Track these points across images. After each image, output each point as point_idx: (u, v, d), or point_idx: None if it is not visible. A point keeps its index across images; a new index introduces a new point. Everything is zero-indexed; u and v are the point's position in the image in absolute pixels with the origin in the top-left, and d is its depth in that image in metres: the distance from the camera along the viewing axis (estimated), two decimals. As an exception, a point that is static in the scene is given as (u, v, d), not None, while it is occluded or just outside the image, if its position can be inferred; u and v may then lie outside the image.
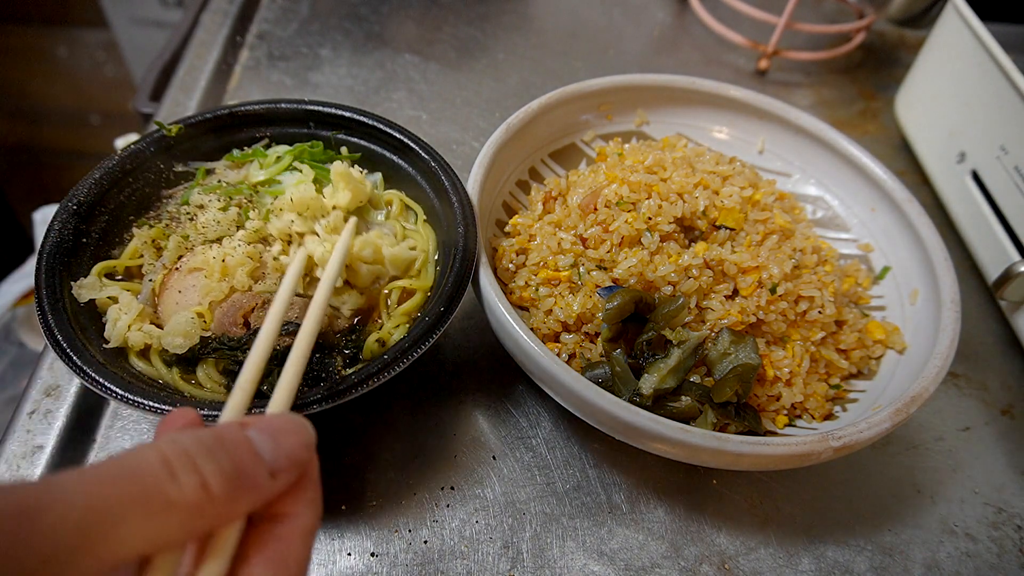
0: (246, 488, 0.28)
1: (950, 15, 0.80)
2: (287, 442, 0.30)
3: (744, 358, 0.55)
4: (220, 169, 0.63)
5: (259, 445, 0.29)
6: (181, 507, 0.25)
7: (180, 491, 0.26)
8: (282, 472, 0.30)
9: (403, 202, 0.63)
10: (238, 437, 0.29)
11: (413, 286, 0.57)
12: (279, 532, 0.30)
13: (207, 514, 0.26)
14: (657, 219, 0.60)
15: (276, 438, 0.30)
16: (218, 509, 0.27)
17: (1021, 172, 0.69)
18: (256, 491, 0.28)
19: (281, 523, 0.30)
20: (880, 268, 0.69)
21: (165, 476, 0.26)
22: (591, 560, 0.54)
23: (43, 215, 1.35)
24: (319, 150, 0.64)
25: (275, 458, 0.29)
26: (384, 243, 0.58)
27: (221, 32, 0.95)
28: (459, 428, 0.61)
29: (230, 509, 0.27)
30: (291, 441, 0.30)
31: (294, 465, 0.30)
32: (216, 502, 0.26)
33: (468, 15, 1.05)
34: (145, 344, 0.53)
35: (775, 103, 0.74)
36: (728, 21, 1.03)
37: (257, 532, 0.30)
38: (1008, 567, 0.57)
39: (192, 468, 0.26)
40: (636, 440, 0.51)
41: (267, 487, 0.29)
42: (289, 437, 0.31)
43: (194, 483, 0.26)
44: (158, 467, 0.26)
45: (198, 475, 0.26)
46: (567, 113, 0.73)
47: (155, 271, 0.56)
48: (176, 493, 0.25)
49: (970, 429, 0.66)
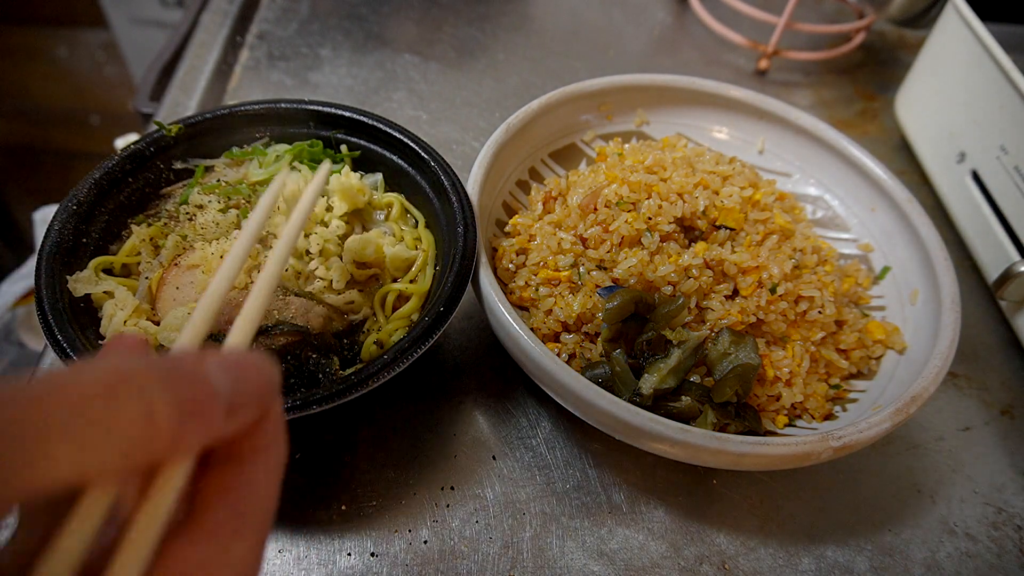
0: (197, 422, 0.25)
1: (950, 15, 0.80)
2: (247, 377, 0.27)
3: (744, 358, 0.55)
4: (219, 167, 0.63)
5: (215, 378, 0.26)
6: (120, 435, 0.22)
7: (120, 418, 0.22)
8: (240, 408, 0.26)
9: (403, 206, 0.63)
10: (193, 367, 0.25)
11: (411, 290, 0.57)
12: (241, 475, 0.27)
13: (150, 446, 0.23)
14: (657, 219, 0.60)
15: (235, 372, 0.27)
16: (163, 442, 0.23)
17: (1021, 172, 0.69)
18: (209, 426, 0.25)
19: (242, 465, 0.28)
20: (880, 268, 0.69)
21: (104, 400, 0.22)
22: (591, 560, 0.54)
23: (43, 215, 1.35)
24: (319, 149, 0.64)
25: (233, 393, 0.26)
26: (385, 242, 0.58)
27: (221, 32, 0.95)
28: (459, 428, 0.61)
29: (177, 442, 0.24)
30: (251, 376, 0.27)
31: (253, 402, 0.27)
32: (161, 433, 0.23)
33: (468, 15, 1.05)
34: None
35: (775, 103, 0.74)
36: (728, 21, 1.03)
37: (217, 475, 0.27)
38: (1008, 567, 0.57)
39: (137, 394, 0.23)
40: (636, 440, 0.51)
41: (220, 423, 0.26)
42: (249, 372, 0.27)
43: (138, 411, 0.23)
44: (98, 389, 0.22)
45: (143, 403, 0.23)
46: (567, 113, 0.73)
47: (152, 269, 0.56)
48: (115, 420, 0.22)
49: (970, 429, 0.66)
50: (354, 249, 0.56)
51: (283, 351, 0.51)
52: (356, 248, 0.56)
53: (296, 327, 0.52)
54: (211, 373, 0.26)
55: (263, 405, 0.28)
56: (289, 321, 0.52)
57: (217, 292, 0.34)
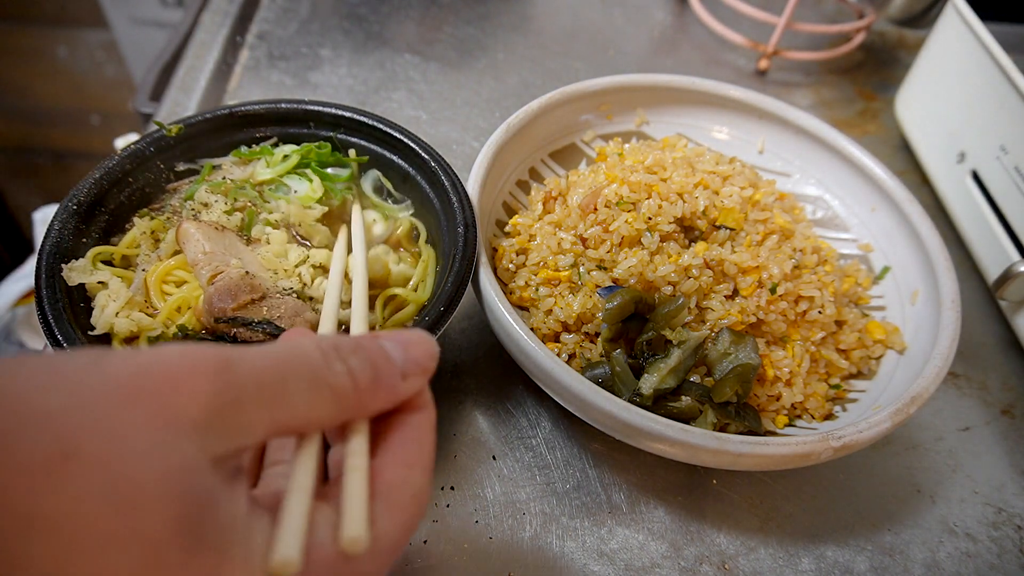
0: (384, 385, 0.31)
1: (950, 15, 0.80)
2: (415, 350, 0.33)
3: (744, 358, 0.55)
4: (226, 165, 0.63)
5: (391, 351, 0.32)
6: (335, 391, 0.29)
7: (335, 376, 0.29)
8: (411, 376, 0.33)
9: (410, 222, 0.63)
10: (373, 343, 0.32)
11: (411, 298, 0.57)
12: (412, 421, 0.34)
13: (353, 403, 0.30)
14: (657, 219, 0.60)
15: (405, 346, 0.33)
16: (362, 399, 0.30)
17: (1021, 172, 0.69)
18: (391, 389, 0.32)
19: (411, 414, 0.34)
20: (880, 268, 0.69)
21: (323, 362, 0.29)
22: (591, 560, 0.54)
23: (43, 215, 1.35)
24: (327, 151, 0.64)
25: (405, 362, 0.32)
26: (390, 259, 0.59)
27: (221, 32, 0.95)
28: (459, 428, 0.61)
29: (371, 401, 0.31)
30: (418, 350, 0.33)
31: (421, 371, 0.33)
32: (361, 392, 0.30)
33: (468, 15, 1.05)
34: (131, 332, 0.53)
35: (775, 103, 0.74)
36: (728, 21, 1.03)
37: (390, 421, 0.33)
38: (1008, 567, 0.57)
39: (342, 359, 0.30)
40: (636, 440, 0.51)
41: (399, 387, 0.32)
42: (417, 346, 0.34)
43: (345, 371, 0.30)
44: (317, 354, 0.29)
45: (347, 365, 0.30)
46: (567, 113, 0.73)
47: (149, 261, 0.56)
48: (332, 377, 0.29)
49: (970, 429, 0.66)
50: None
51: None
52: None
53: (278, 329, 0.52)
54: (387, 346, 0.33)
55: (428, 371, 0.34)
56: (273, 321, 0.52)
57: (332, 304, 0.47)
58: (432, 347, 0.34)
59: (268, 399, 0.27)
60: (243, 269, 0.54)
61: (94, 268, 0.55)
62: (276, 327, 0.52)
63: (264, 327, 0.51)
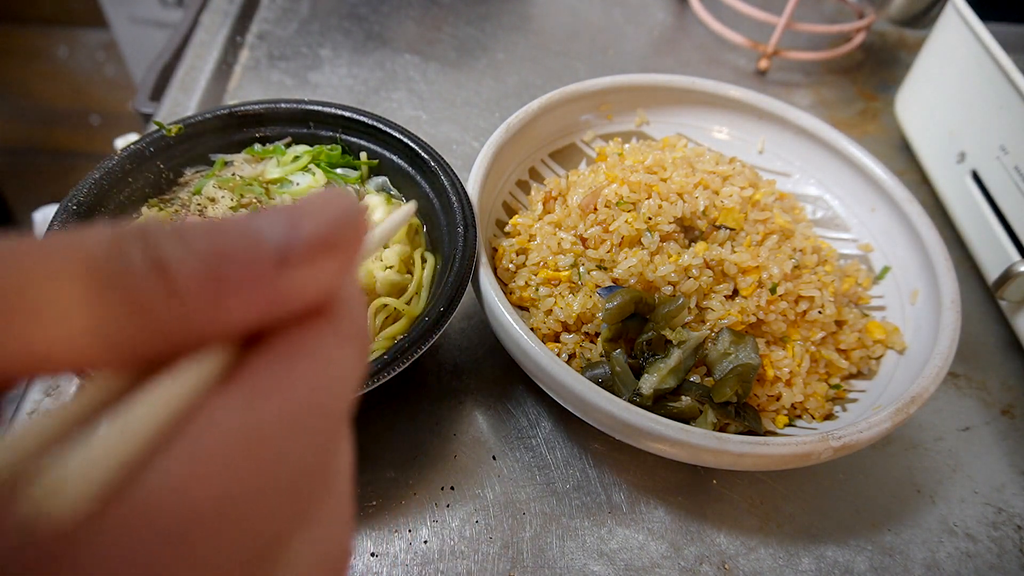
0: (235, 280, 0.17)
1: (950, 15, 0.80)
2: (311, 220, 0.18)
3: (744, 358, 0.55)
4: (238, 162, 0.63)
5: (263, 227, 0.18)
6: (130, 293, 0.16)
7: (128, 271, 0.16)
8: (297, 261, 0.18)
9: (413, 225, 0.63)
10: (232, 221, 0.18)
11: (403, 311, 0.57)
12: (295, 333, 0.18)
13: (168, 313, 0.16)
14: (657, 219, 0.60)
15: (292, 217, 0.18)
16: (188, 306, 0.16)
17: (1021, 172, 0.69)
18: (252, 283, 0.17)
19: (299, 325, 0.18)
20: (880, 268, 0.69)
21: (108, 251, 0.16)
22: (591, 560, 0.54)
23: (43, 215, 1.35)
24: (337, 153, 0.64)
25: (287, 241, 0.18)
26: (375, 267, 0.58)
27: (221, 32, 0.95)
28: (459, 428, 0.61)
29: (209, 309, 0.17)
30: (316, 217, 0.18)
31: (319, 249, 0.18)
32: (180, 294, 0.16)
33: (468, 15, 1.05)
34: None
35: (775, 103, 0.74)
36: (728, 21, 1.03)
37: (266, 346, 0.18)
38: (1008, 567, 0.57)
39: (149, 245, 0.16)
40: (636, 440, 0.51)
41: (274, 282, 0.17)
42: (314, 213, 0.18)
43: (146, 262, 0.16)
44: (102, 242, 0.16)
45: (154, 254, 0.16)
46: (567, 113, 0.73)
47: None
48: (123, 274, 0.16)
49: (970, 429, 0.66)
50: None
51: None
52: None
53: None
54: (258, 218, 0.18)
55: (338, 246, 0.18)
56: None
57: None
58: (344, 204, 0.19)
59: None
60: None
61: None
62: None
63: None
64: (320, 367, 0.18)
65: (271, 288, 0.17)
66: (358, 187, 0.63)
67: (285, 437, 0.16)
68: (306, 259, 0.18)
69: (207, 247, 0.17)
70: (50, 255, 0.16)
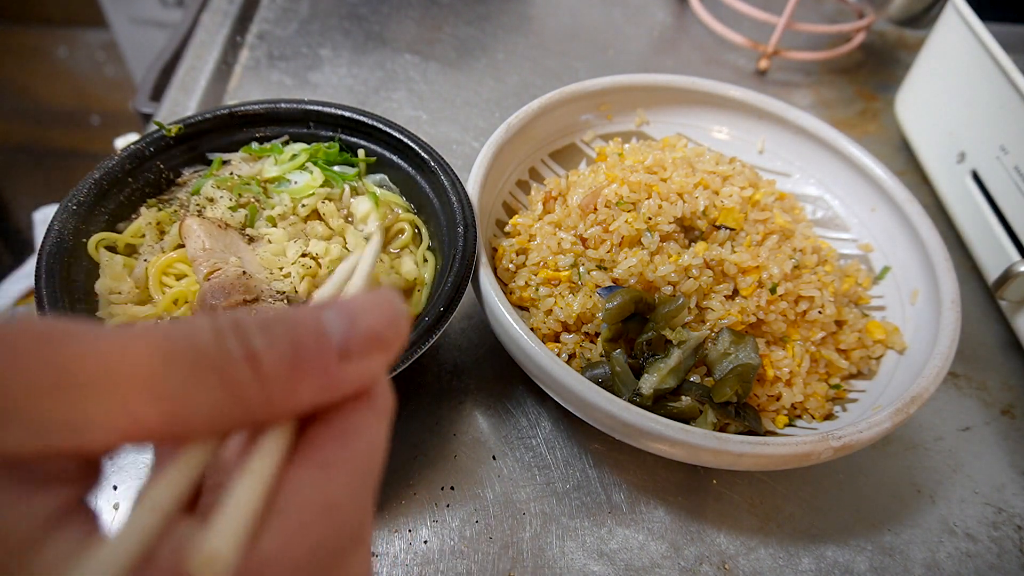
0: (308, 369, 0.22)
1: (950, 15, 0.80)
2: (367, 318, 0.23)
3: (744, 358, 0.55)
4: (236, 161, 0.63)
5: (329, 322, 0.23)
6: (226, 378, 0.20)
7: (226, 358, 0.20)
8: (357, 356, 0.23)
9: (414, 225, 0.63)
10: (301, 312, 0.23)
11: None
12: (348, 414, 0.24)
13: (256, 394, 0.21)
14: (657, 219, 0.60)
15: (352, 314, 0.23)
16: (270, 390, 0.21)
17: (1021, 172, 0.69)
18: (321, 375, 0.22)
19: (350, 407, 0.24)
20: (880, 268, 0.69)
21: (212, 340, 0.20)
22: (591, 560, 0.54)
23: (43, 215, 1.35)
24: (335, 151, 0.64)
25: (347, 336, 0.22)
26: (379, 270, 0.58)
27: (221, 32, 0.95)
28: (459, 428, 0.61)
29: (286, 392, 0.21)
30: (372, 316, 0.23)
31: (375, 346, 0.23)
32: (269, 380, 0.21)
33: (468, 15, 1.05)
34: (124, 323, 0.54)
35: (775, 103, 0.74)
36: (728, 21, 1.03)
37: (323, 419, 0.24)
38: (1008, 567, 0.57)
39: (242, 336, 0.21)
40: (636, 440, 0.51)
41: (337, 372, 0.22)
42: (369, 312, 0.23)
43: (242, 352, 0.21)
44: (207, 331, 0.21)
45: (247, 345, 0.21)
46: (567, 113, 0.73)
47: (152, 252, 0.57)
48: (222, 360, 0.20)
49: (970, 429, 0.66)
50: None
51: None
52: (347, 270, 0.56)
53: None
54: (324, 317, 0.23)
55: (387, 345, 0.23)
56: None
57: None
58: (394, 310, 0.24)
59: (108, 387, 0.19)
60: (241, 269, 0.55)
61: (96, 254, 0.56)
62: None
63: None
64: (367, 441, 0.23)
65: (334, 376, 0.22)
66: (356, 183, 0.63)
67: (349, 502, 0.22)
68: (362, 353, 0.23)
69: (286, 340, 0.22)
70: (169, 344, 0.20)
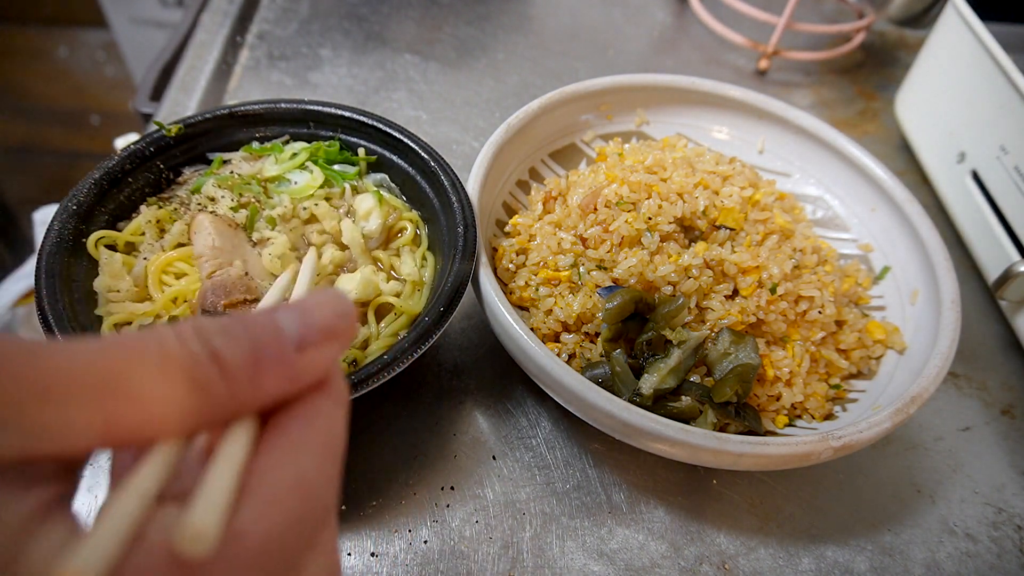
0: (269, 364, 0.24)
1: (950, 15, 0.80)
2: (317, 313, 0.26)
3: (744, 358, 0.55)
4: (236, 160, 0.63)
5: (283, 320, 0.25)
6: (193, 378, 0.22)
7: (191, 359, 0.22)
8: (312, 346, 0.25)
9: (415, 225, 0.63)
10: (257, 315, 0.25)
11: (403, 309, 0.57)
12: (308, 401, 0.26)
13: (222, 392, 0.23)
14: (657, 219, 0.60)
15: (303, 310, 0.26)
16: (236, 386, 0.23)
17: (1021, 172, 0.69)
18: (282, 368, 0.24)
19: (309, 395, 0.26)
20: (880, 268, 0.69)
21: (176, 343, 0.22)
22: (591, 560, 0.54)
23: (43, 215, 1.35)
24: (335, 150, 0.64)
25: (303, 330, 0.25)
26: (379, 279, 0.58)
27: (221, 32, 0.95)
28: (459, 428, 0.61)
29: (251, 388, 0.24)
30: (322, 311, 0.26)
31: (325, 336, 0.26)
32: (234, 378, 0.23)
33: (468, 15, 1.05)
34: (124, 319, 0.54)
35: (775, 103, 0.74)
36: (728, 21, 1.03)
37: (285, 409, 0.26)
38: (1008, 567, 0.57)
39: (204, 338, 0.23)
40: (636, 440, 0.51)
41: (295, 364, 0.25)
42: (319, 308, 0.26)
43: (205, 352, 0.23)
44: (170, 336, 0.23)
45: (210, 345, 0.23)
46: (567, 113, 0.73)
47: (152, 251, 0.57)
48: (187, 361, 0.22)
49: (970, 429, 0.66)
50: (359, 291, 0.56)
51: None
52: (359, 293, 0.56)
53: None
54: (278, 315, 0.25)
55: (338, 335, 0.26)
56: None
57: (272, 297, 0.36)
58: (341, 304, 0.27)
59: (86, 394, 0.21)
60: (244, 270, 0.55)
61: (96, 252, 0.56)
62: None
63: None
64: (328, 425, 0.25)
65: (293, 366, 0.25)
66: (356, 182, 0.63)
67: (316, 476, 0.24)
68: (317, 344, 0.25)
69: (246, 338, 0.24)
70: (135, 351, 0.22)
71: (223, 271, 0.54)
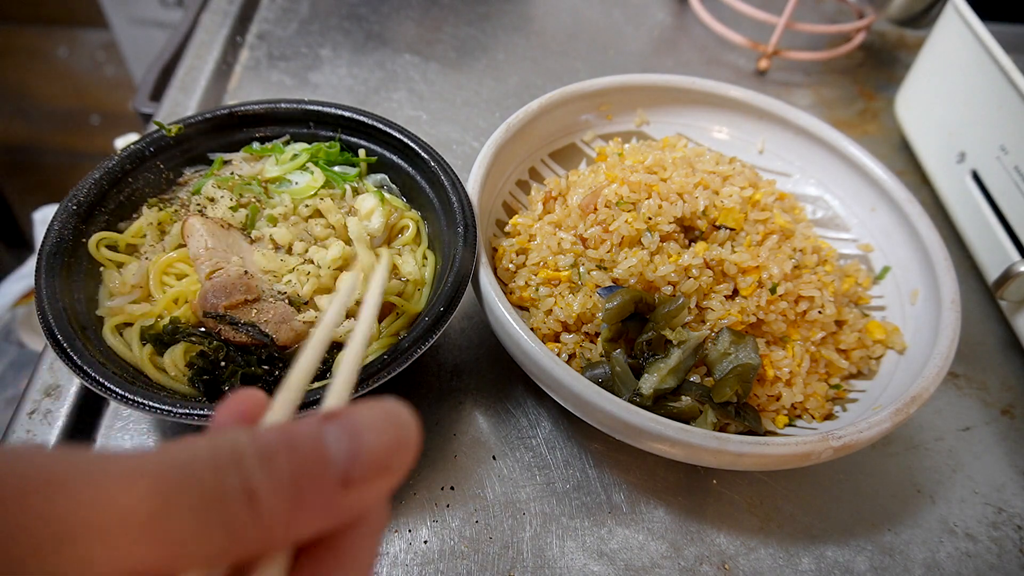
0: (309, 499, 0.21)
1: (950, 15, 0.80)
2: (371, 439, 0.22)
3: (744, 358, 0.55)
4: (237, 161, 0.63)
5: (331, 444, 0.22)
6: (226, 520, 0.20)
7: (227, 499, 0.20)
8: (357, 482, 0.22)
9: (416, 224, 0.63)
10: (306, 433, 0.22)
11: (404, 308, 0.56)
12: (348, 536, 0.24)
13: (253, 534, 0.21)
14: (657, 219, 0.60)
15: (356, 432, 0.22)
16: (269, 528, 0.21)
17: (1021, 172, 0.69)
18: (321, 505, 0.21)
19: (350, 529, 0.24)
20: (880, 268, 0.69)
21: (213, 479, 0.20)
22: (591, 560, 0.54)
23: (43, 215, 1.35)
24: (336, 150, 0.64)
25: (351, 461, 0.22)
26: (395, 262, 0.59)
27: (221, 32, 0.95)
28: (459, 428, 0.61)
29: (284, 529, 0.21)
30: (378, 439, 0.22)
31: (376, 474, 0.22)
32: (266, 520, 0.20)
33: (468, 15, 1.05)
34: (124, 320, 0.54)
35: (775, 103, 0.74)
36: (728, 21, 1.03)
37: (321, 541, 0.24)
38: (1008, 567, 0.57)
39: (243, 471, 0.20)
40: (636, 440, 0.51)
41: (338, 504, 0.22)
42: (375, 432, 0.23)
43: (241, 491, 0.20)
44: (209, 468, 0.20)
45: (248, 483, 0.20)
46: (567, 113, 0.73)
47: (154, 252, 0.57)
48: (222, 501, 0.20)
49: (970, 429, 0.66)
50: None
51: (239, 347, 0.52)
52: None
53: (261, 334, 0.52)
54: (328, 436, 0.22)
55: (391, 471, 0.23)
56: (259, 325, 0.52)
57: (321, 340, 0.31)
58: (402, 430, 0.24)
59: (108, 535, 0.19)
60: (242, 269, 0.55)
61: (97, 253, 0.56)
62: (260, 332, 0.52)
63: (248, 329, 0.51)
64: (364, 558, 0.24)
65: (334, 507, 0.22)
66: (356, 184, 0.63)
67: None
68: (365, 481, 0.22)
69: (287, 472, 0.21)
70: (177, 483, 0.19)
71: (222, 271, 0.54)
